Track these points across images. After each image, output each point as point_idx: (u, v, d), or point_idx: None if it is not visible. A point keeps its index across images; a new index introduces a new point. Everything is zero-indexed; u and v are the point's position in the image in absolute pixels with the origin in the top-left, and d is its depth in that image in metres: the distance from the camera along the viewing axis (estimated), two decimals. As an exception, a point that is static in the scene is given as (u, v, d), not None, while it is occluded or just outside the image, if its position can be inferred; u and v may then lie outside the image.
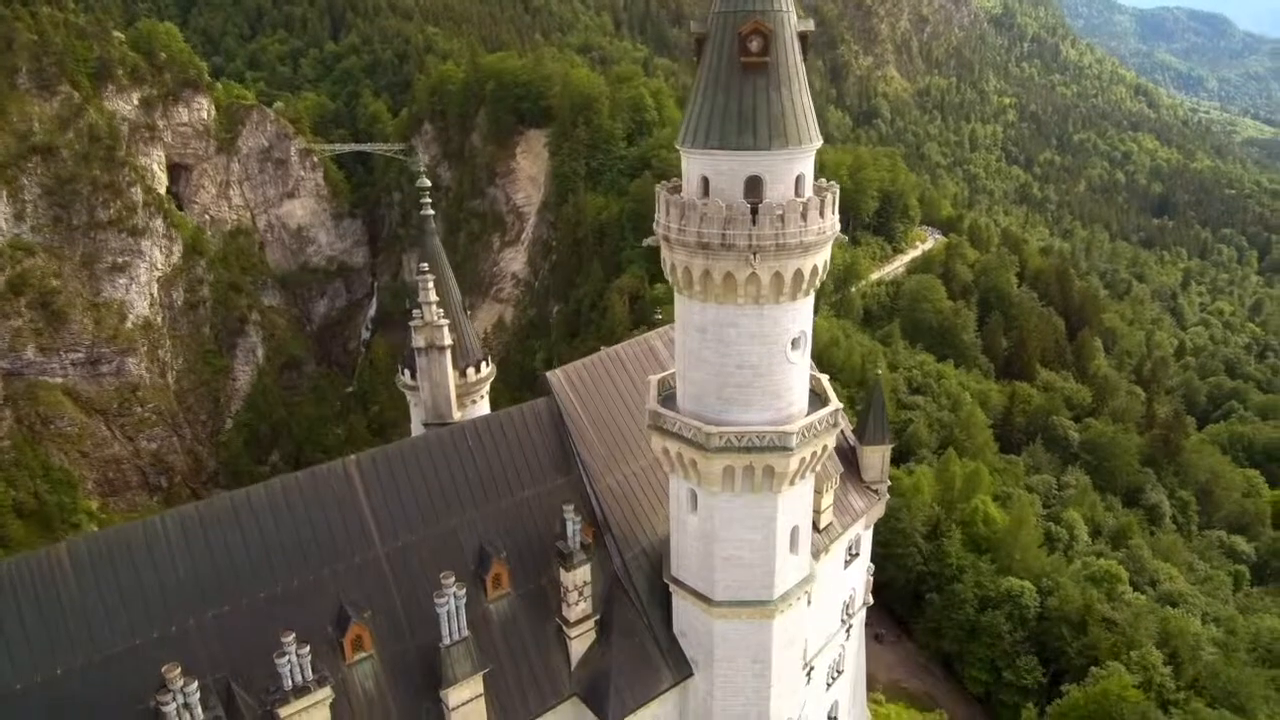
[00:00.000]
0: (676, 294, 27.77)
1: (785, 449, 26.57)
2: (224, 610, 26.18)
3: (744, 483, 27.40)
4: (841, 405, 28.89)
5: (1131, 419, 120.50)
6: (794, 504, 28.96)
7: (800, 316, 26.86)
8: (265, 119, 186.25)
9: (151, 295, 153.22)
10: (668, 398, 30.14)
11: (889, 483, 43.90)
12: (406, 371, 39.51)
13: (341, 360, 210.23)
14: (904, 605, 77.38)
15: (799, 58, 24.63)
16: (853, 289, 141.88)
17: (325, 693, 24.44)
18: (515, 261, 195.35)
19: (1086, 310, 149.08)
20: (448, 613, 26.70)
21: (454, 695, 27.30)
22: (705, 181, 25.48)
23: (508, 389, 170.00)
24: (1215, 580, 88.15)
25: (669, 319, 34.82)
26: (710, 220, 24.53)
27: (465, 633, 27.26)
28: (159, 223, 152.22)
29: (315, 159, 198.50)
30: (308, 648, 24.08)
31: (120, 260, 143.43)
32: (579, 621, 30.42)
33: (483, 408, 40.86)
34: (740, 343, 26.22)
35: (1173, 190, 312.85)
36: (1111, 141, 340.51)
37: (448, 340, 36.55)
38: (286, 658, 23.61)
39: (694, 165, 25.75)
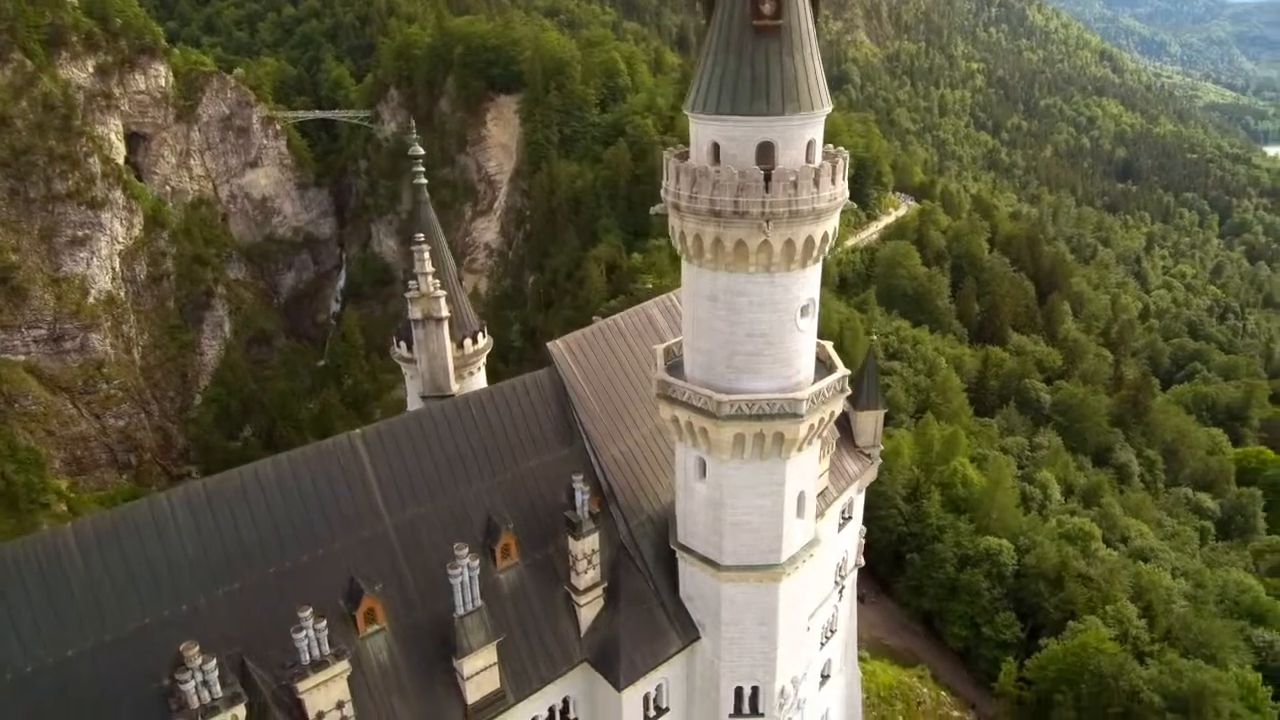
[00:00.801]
0: (685, 263, 27.62)
1: (795, 416, 26.78)
2: (235, 587, 25.93)
3: (754, 450, 27.59)
4: (849, 372, 29.12)
5: (1100, 381, 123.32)
6: (801, 469, 29.28)
7: (810, 284, 26.94)
8: (225, 86, 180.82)
9: (113, 269, 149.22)
10: (673, 366, 30.14)
11: (881, 447, 44.51)
12: (402, 344, 39.02)
13: (311, 334, 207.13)
14: (885, 565, 79.04)
15: (810, 20, 24.40)
16: (829, 256, 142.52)
17: (343, 666, 24.39)
18: (488, 231, 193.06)
19: (1056, 275, 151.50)
20: (461, 583, 26.71)
21: (469, 664, 27.44)
22: (716, 148, 25.25)
23: (485, 360, 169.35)
24: (1182, 536, 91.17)
25: (644, 293, 34.74)
26: (723, 187, 24.37)
27: (479, 603, 27.33)
28: (118, 194, 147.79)
29: (278, 127, 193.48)
30: (324, 622, 23.95)
31: (80, 234, 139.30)
32: (588, 589, 30.63)
33: (480, 379, 40.58)
34: (751, 311, 26.23)
35: (1136, 155, 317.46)
36: (1077, 107, 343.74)
37: (445, 311, 36.13)
38: (304, 632, 23.46)
39: (704, 131, 25.49)
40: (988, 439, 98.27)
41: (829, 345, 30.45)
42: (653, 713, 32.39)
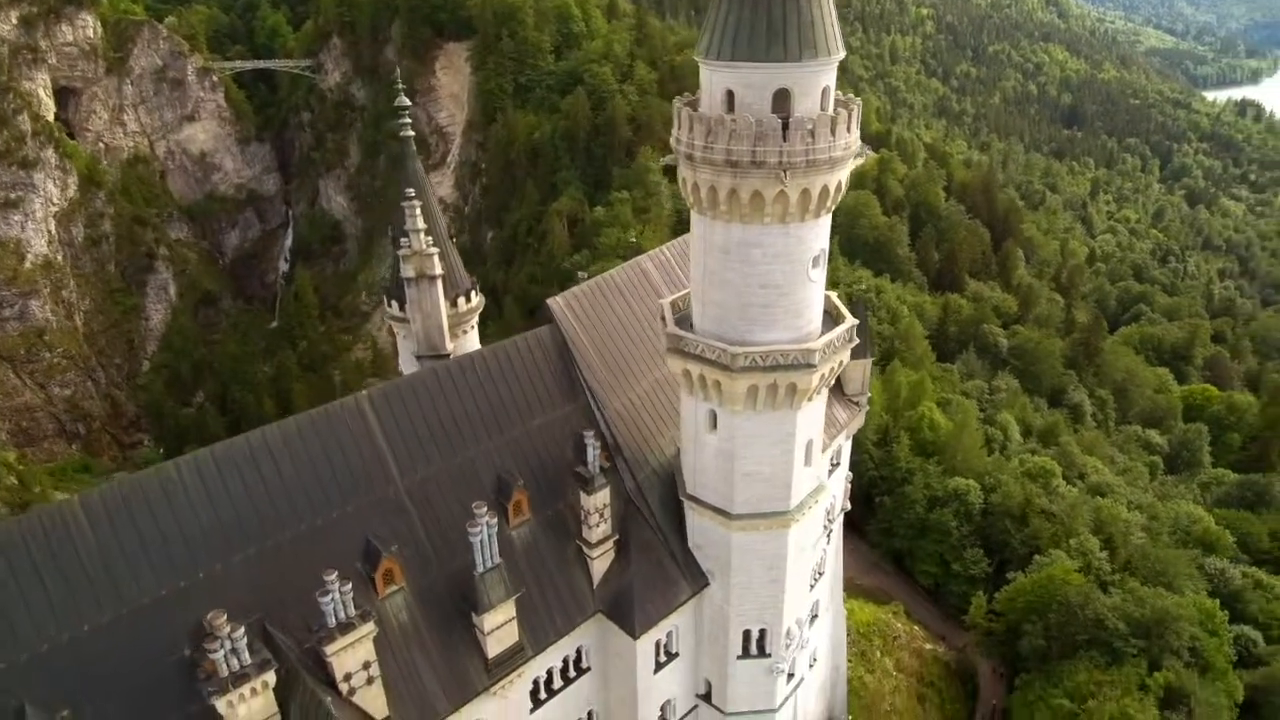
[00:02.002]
0: (696, 215, 27.38)
1: (809, 366, 27.04)
2: (250, 553, 25.53)
3: (766, 401, 27.84)
4: (857, 321, 29.42)
5: (1053, 325, 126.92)
6: (810, 418, 29.72)
7: (822, 234, 26.99)
8: (157, 36, 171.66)
9: (49, 232, 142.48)
10: (680, 320, 30.09)
11: (869, 395, 45.31)
12: (394, 303, 38.14)
13: (260, 294, 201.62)
14: (856, 508, 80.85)
15: (824, -36, 23.98)
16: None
17: (369, 627, 24.33)
18: (442, 186, 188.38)
19: (1009, 221, 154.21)
20: (481, 541, 26.72)
21: (489, 620, 27.63)
22: (729, 96, 24.90)
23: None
24: (1134, 471, 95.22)
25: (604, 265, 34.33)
26: (740, 137, 24.09)
27: (498, 560, 27.39)
28: (50, 153, 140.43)
29: (215, 78, 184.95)
30: (350, 584, 23.77)
31: (12, 195, 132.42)
32: (600, 542, 30.91)
33: (473, 338, 40.04)
34: (764, 262, 26.21)
35: (1081, 101, 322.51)
36: (1024, 53, 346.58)
37: (438, 269, 35.39)
38: (330, 595, 23.30)
39: (717, 78, 25.07)
40: (950, 384, 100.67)
41: (833, 294, 30.65)
42: (663, 658, 33.08)
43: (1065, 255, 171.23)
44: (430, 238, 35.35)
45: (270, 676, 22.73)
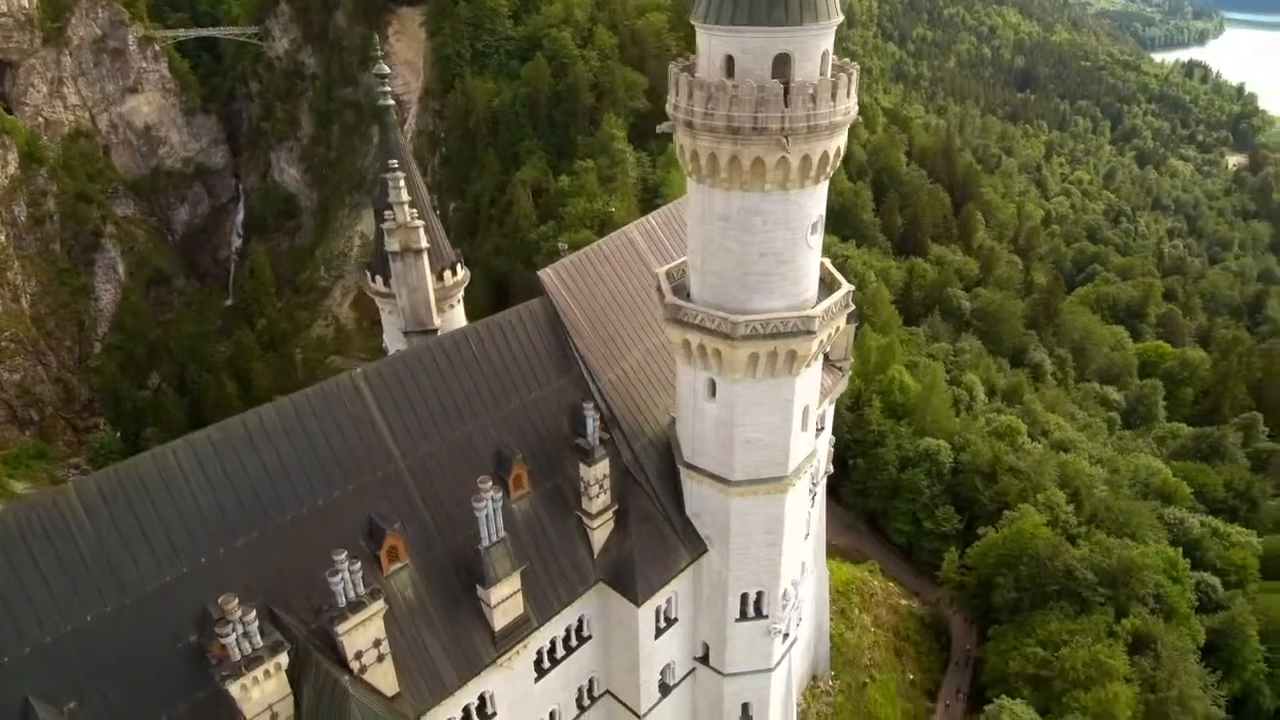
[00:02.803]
0: (694, 183, 27.21)
1: (808, 333, 27.24)
2: (253, 537, 25.14)
3: (766, 368, 28.01)
4: (852, 287, 29.65)
5: (1013, 286, 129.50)
6: (807, 385, 30.02)
7: (820, 200, 27.05)
8: (95, 4, 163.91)
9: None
10: (676, 289, 30.02)
11: (851, 360, 45.87)
12: (378, 278, 37.37)
13: (213, 272, 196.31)
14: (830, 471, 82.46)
15: (823, -75, 23.73)
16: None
17: (379, 605, 24.19)
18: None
19: (968, 185, 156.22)
20: (486, 515, 26.67)
21: (495, 593, 27.69)
22: (729, 61, 24.65)
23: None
24: (1094, 427, 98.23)
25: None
26: (741, 103, 23.91)
27: (502, 533, 27.36)
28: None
29: (157, 48, 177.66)
30: (359, 564, 23.57)
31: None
32: (600, 513, 31.05)
33: (459, 312, 39.47)
34: (765, 230, 26.21)
35: (1034, 64, 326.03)
36: (978, 16, 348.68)
37: (424, 242, 34.71)
38: (340, 575, 23.08)
39: (716, 43, 24.78)
40: (916, 347, 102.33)
41: (827, 261, 30.81)
42: (663, 624, 33.51)
43: (1022, 218, 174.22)
44: (415, 210, 34.61)
45: (283, 658, 22.57)
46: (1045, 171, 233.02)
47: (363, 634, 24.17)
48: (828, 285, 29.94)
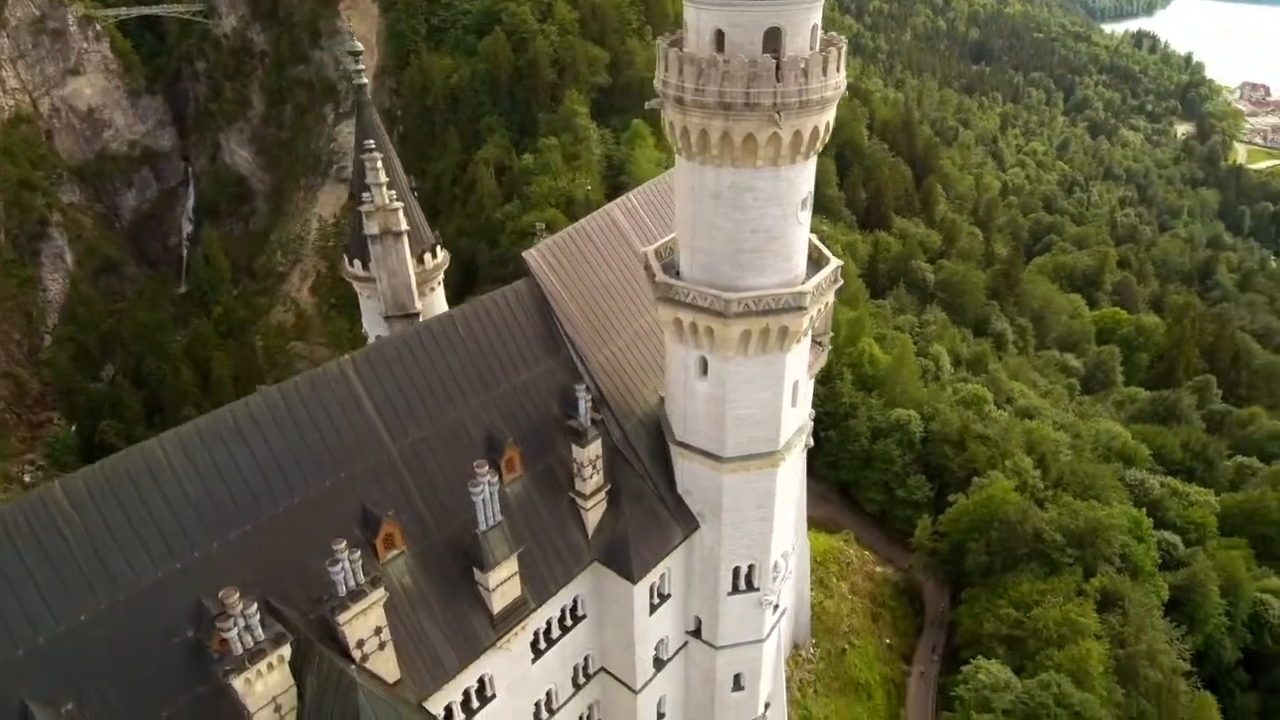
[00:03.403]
0: (683, 160, 27.05)
1: (800, 309, 27.41)
2: (246, 529, 24.73)
3: (758, 345, 28.14)
4: (841, 262, 29.85)
5: (974, 257, 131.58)
6: (797, 360, 30.27)
7: (810, 175, 27.13)
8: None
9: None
10: (665, 268, 29.90)
11: (831, 334, 46.29)
12: (356, 261, 36.63)
13: (164, 259, 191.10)
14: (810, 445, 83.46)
15: (811, -104, 23.58)
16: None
17: (380, 593, 23.99)
18: (355, 136, 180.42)
19: (929, 158, 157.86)
20: (483, 500, 26.54)
21: (494, 577, 27.64)
22: (719, 35, 24.46)
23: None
24: (1055, 393, 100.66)
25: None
26: (733, 78, 23.78)
27: (499, 517, 27.26)
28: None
29: (98, 27, 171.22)
30: (359, 552, 23.32)
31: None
32: (593, 493, 31.10)
33: (440, 295, 38.93)
34: (756, 206, 26.21)
35: (989, 36, 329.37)
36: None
37: (404, 225, 34.08)
38: (340, 564, 22.81)
39: (706, 17, 24.56)
40: (883, 319, 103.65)
41: (814, 237, 30.93)
42: (657, 600, 33.79)
43: (980, 189, 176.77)
44: (394, 191, 33.94)
45: (286, 650, 22.32)
46: (1001, 143, 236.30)
47: (364, 622, 23.97)
48: (815, 261, 30.09)
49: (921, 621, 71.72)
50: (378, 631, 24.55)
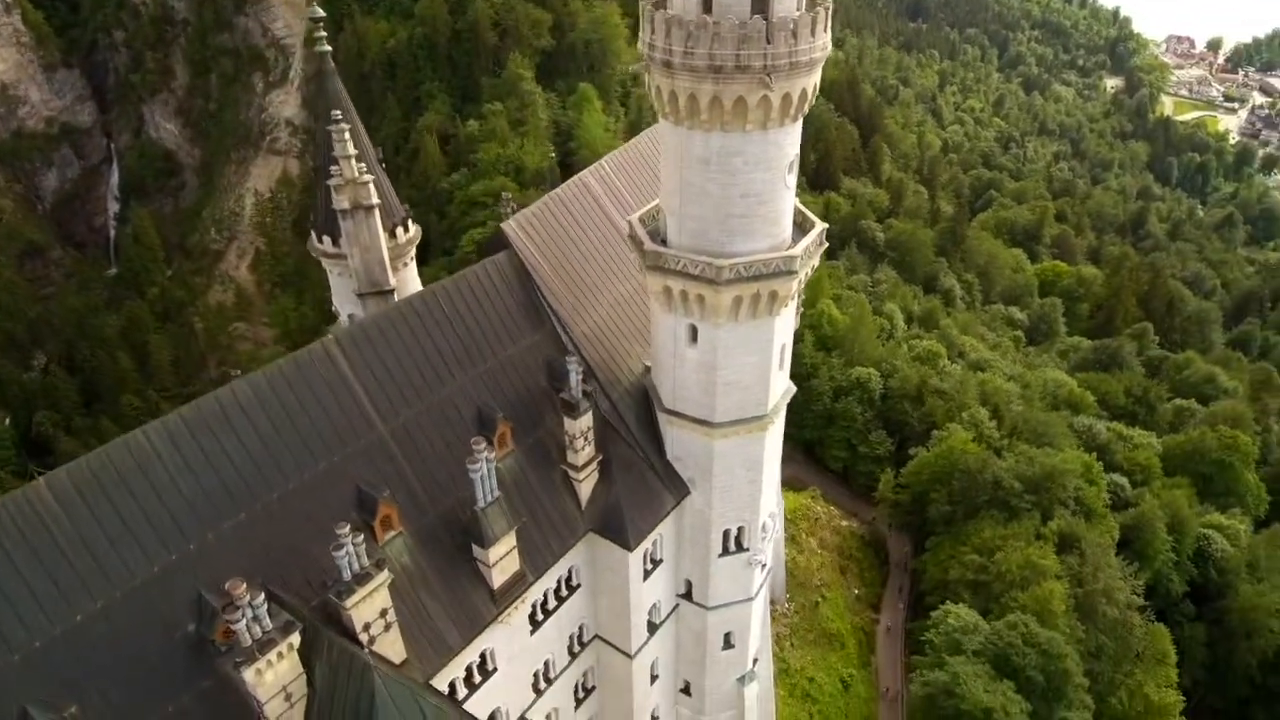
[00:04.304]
0: (670, 126, 26.71)
1: (790, 273, 27.54)
2: (240, 518, 24.07)
3: (748, 310, 28.24)
4: (826, 225, 30.02)
5: (921, 216, 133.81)
6: (785, 324, 30.52)
7: (796, 138, 27.08)
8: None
9: None
10: (650, 236, 29.67)
11: (803, 297, 46.71)
12: (325, 238, 35.45)
13: (91, 240, 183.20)
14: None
15: None
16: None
17: (385, 576, 23.64)
18: (287, 105, 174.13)
19: (873, 118, 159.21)
20: (481, 476, 26.26)
21: (494, 552, 27.50)
22: (706, -4, 24.07)
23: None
24: (1003, 346, 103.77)
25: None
26: (723, 40, 23.48)
27: (497, 493, 27.07)
28: None
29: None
30: (362, 536, 22.94)
31: None
32: (586, 465, 31.02)
33: (412, 271, 38.00)
34: (746, 171, 26.11)
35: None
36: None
37: (375, 198, 33.06)
38: (344, 549, 22.41)
39: (692, -21, 24.14)
40: (837, 280, 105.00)
41: (797, 201, 30.98)
42: (649, 566, 34.08)
43: (923, 147, 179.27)
44: (363, 164, 32.85)
45: (295, 638, 21.93)
46: (940, 101, 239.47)
47: (370, 606, 23.63)
48: (799, 224, 30.20)
49: (886, 571, 74.02)
50: (383, 614, 24.26)
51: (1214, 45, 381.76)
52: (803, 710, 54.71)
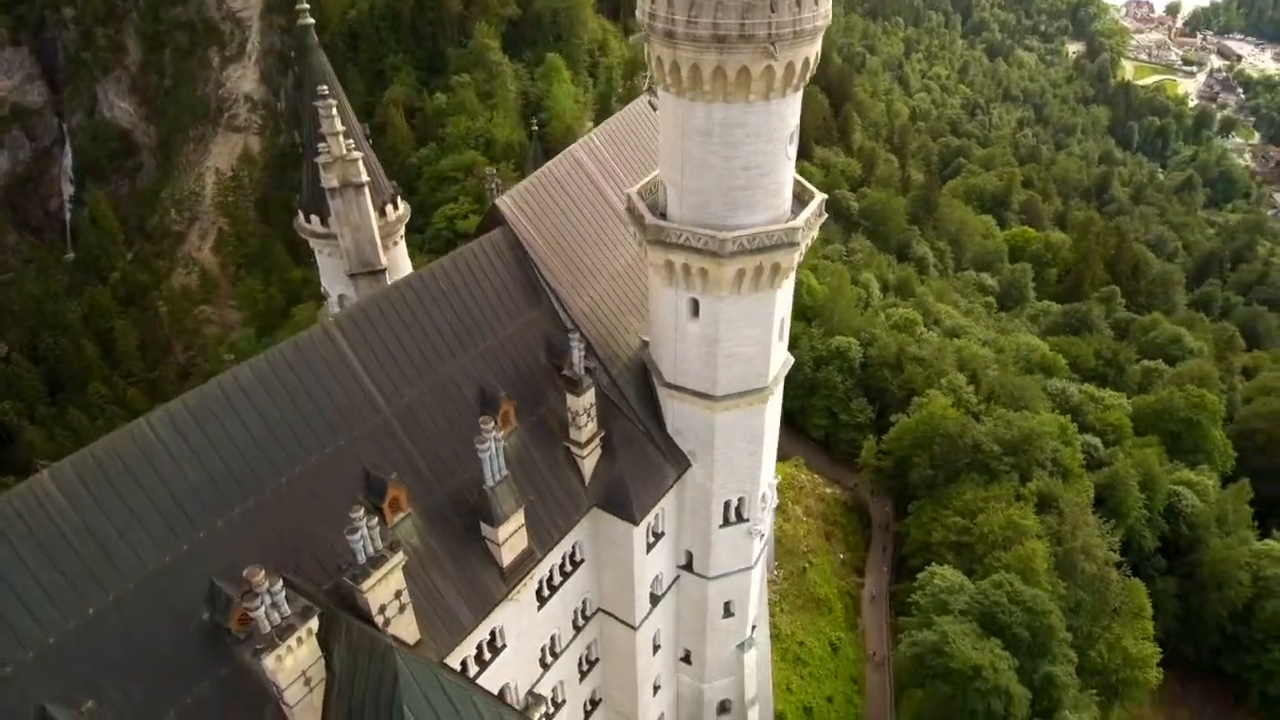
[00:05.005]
0: (674, 98, 26.42)
1: (792, 245, 27.61)
2: (249, 504, 23.76)
3: (750, 283, 28.28)
4: (826, 196, 30.05)
5: (893, 184, 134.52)
6: (785, 296, 30.62)
7: (797, 109, 27.00)
8: None
9: None
10: (649, 209, 29.49)
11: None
12: (314, 217, 34.69)
13: (47, 224, 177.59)
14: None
15: None
16: (638, 79, 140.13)
17: (400, 557, 23.54)
18: (245, 80, 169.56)
19: (843, 86, 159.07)
20: (489, 455, 26.12)
21: (503, 531, 27.50)
22: (708, -34, 23.74)
23: (281, 230, 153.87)
24: (975, 312, 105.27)
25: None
26: (727, 9, 23.23)
27: (505, 471, 26.99)
28: None
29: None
30: (375, 519, 22.78)
31: None
32: (589, 441, 31.02)
33: (403, 250, 37.39)
34: (747, 142, 26.00)
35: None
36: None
37: (364, 175, 32.39)
38: (359, 532, 22.24)
39: (693, -52, 23.77)
40: (813, 250, 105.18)
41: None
42: (652, 539, 34.32)
43: (891, 116, 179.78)
44: (350, 140, 32.12)
45: (314, 623, 21.77)
46: (906, 68, 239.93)
47: (385, 588, 23.57)
48: (797, 195, 30.21)
49: (869, 536, 75.34)
50: (398, 595, 24.18)
51: (1172, 9, 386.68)
52: (794, 673, 55.78)
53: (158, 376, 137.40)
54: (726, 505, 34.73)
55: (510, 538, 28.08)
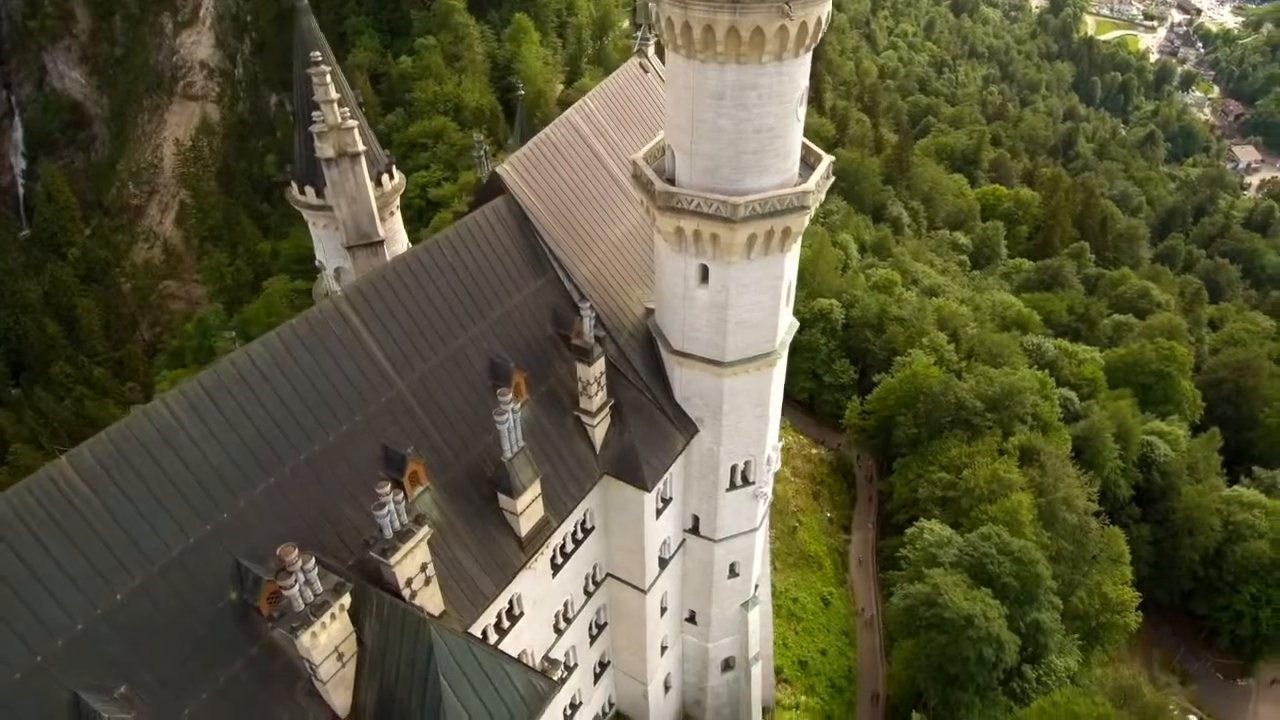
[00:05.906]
0: (683, 60, 26.03)
1: (803, 208, 27.59)
2: (270, 482, 23.52)
3: (760, 248, 28.27)
4: (833, 158, 30.00)
5: (866, 145, 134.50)
6: (793, 260, 30.67)
7: (807, 70, 26.80)
8: None
9: None
10: (656, 174, 29.23)
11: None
12: (308, 189, 33.83)
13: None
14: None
15: None
16: (607, 40, 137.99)
17: (426, 530, 23.60)
18: (200, 46, 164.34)
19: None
20: (507, 428, 26.09)
21: (521, 501, 27.60)
22: (721, -76, 23.33)
23: (243, 201, 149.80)
24: (951, 271, 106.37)
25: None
26: (741, -31, 22.88)
27: (522, 443, 27.00)
28: None
29: None
30: (401, 493, 22.70)
31: None
32: (599, 410, 31.07)
33: (398, 221, 36.68)
34: (759, 105, 25.77)
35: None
36: None
37: (360, 145, 31.62)
38: (386, 508, 22.18)
39: (706, -94, 23.32)
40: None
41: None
42: (661, 504, 34.65)
43: (861, 75, 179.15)
44: (345, 109, 31.29)
45: (346, 599, 21.79)
46: (873, 25, 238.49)
47: (412, 561, 23.60)
48: (803, 158, 30.11)
49: (854, 494, 76.74)
50: (424, 568, 24.24)
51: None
52: (789, 628, 56.99)
53: (124, 354, 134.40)
54: (733, 469, 35.10)
55: (528, 508, 28.19)
